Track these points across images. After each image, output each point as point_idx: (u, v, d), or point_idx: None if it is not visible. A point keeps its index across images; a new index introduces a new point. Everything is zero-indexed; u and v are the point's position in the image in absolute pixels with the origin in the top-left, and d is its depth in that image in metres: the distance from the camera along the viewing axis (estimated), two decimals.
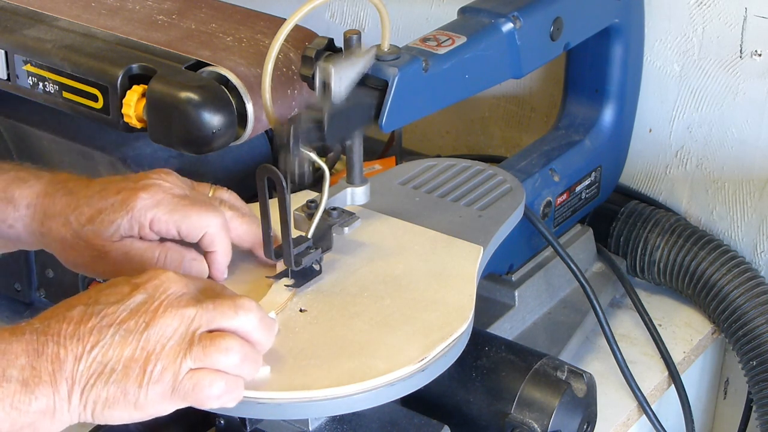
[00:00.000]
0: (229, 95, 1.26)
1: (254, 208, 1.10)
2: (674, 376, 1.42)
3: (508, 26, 1.26)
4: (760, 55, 1.45)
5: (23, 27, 1.37)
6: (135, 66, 1.28)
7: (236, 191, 1.17)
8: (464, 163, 1.34)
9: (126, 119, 1.27)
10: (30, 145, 1.43)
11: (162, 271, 0.95)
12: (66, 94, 1.31)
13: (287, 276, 1.09)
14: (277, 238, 1.08)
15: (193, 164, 1.42)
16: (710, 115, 1.52)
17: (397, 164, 1.53)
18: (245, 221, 1.11)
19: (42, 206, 1.10)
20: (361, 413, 1.06)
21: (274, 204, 1.04)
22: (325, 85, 1.06)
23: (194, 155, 1.27)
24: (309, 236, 1.10)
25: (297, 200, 1.13)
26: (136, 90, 1.26)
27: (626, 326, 1.49)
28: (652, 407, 1.37)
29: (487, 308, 1.37)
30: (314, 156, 1.06)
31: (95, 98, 1.29)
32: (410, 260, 1.14)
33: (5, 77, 1.35)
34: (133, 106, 1.25)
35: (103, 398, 0.90)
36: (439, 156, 1.55)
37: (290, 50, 1.34)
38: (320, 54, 1.13)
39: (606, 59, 1.47)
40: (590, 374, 1.14)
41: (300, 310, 1.06)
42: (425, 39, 1.21)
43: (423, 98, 1.18)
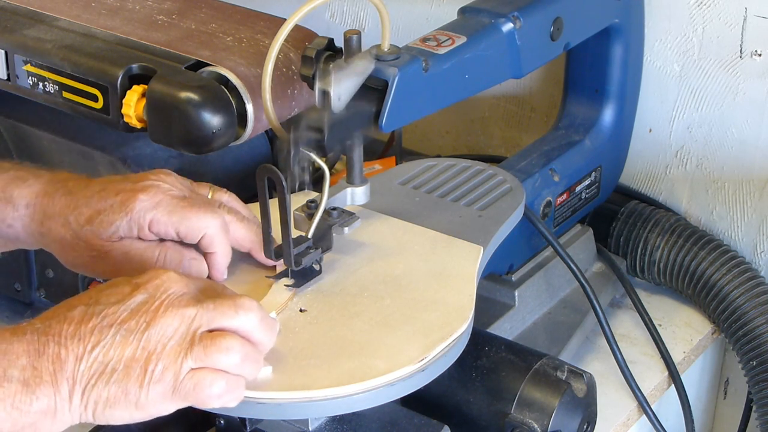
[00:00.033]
0: (229, 95, 1.26)
1: (254, 208, 1.10)
2: (674, 376, 1.42)
3: (508, 26, 1.26)
4: (760, 55, 1.45)
5: (23, 27, 1.36)
6: (135, 66, 1.28)
7: (236, 191, 1.16)
8: (464, 163, 1.34)
9: (126, 119, 1.27)
10: (30, 145, 1.43)
11: (163, 271, 0.95)
12: (66, 94, 1.31)
13: (287, 276, 1.09)
14: (277, 239, 1.08)
15: (193, 164, 1.42)
16: (710, 115, 1.52)
17: (397, 164, 1.53)
18: (244, 225, 1.11)
19: (41, 206, 1.10)
20: (361, 413, 1.06)
21: (274, 204, 1.04)
22: (325, 94, 1.06)
23: (194, 155, 1.27)
24: (309, 236, 1.10)
25: (297, 200, 1.13)
26: (136, 90, 1.26)
27: (626, 326, 1.49)
28: (652, 407, 1.37)
29: (487, 308, 1.37)
30: (314, 156, 1.06)
31: (95, 98, 1.29)
32: (410, 260, 1.14)
33: (5, 77, 1.35)
34: (133, 106, 1.25)
35: (104, 398, 0.90)
36: (439, 156, 1.55)
37: (290, 50, 1.34)
38: (320, 54, 1.12)
39: (606, 59, 1.47)
40: (590, 374, 1.13)
41: (300, 310, 1.06)
42: (425, 39, 1.21)
43: (423, 98, 1.18)
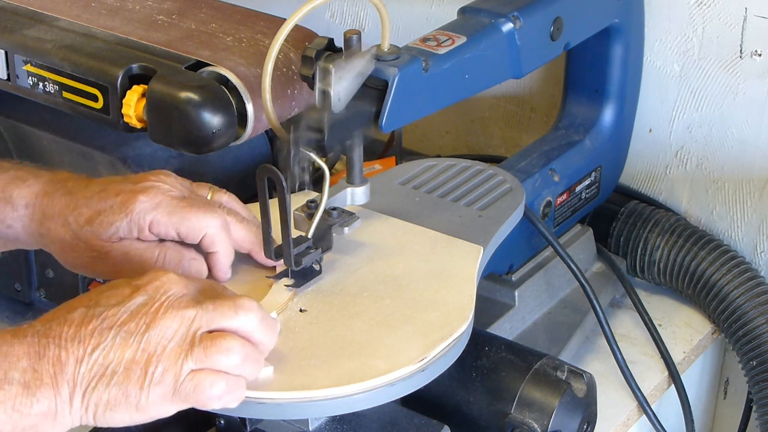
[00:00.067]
0: (229, 95, 1.26)
1: (254, 209, 1.10)
2: (674, 376, 1.42)
3: (508, 26, 1.26)
4: (760, 55, 1.45)
5: (23, 27, 1.36)
6: (135, 66, 1.28)
7: (236, 191, 1.16)
8: (464, 163, 1.34)
9: (126, 119, 1.27)
10: (30, 145, 1.43)
11: (163, 273, 0.95)
12: (66, 94, 1.31)
13: (287, 276, 1.09)
14: (277, 239, 1.08)
15: (193, 164, 1.42)
16: (710, 115, 1.52)
17: (397, 164, 1.53)
18: (243, 226, 1.11)
19: (41, 206, 1.10)
20: (361, 413, 1.06)
21: (274, 204, 1.04)
22: (325, 94, 1.05)
23: (194, 155, 1.27)
24: (309, 236, 1.10)
25: (297, 200, 1.13)
26: (136, 90, 1.26)
27: (626, 326, 1.49)
28: (652, 407, 1.37)
29: (487, 308, 1.37)
30: (314, 156, 1.06)
31: (95, 98, 1.29)
32: (410, 260, 1.14)
33: (5, 77, 1.35)
34: (133, 106, 1.25)
35: (105, 400, 0.90)
36: (439, 156, 1.55)
37: (290, 50, 1.34)
38: (320, 54, 1.12)
39: (606, 59, 1.47)
40: (590, 374, 1.13)
41: (300, 310, 1.06)
42: (425, 39, 1.21)
43: (423, 98, 1.18)
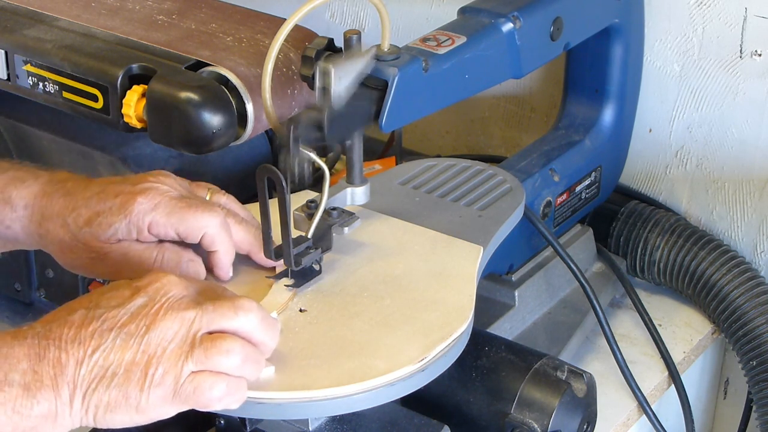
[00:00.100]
0: (229, 95, 1.26)
1: (254, 209, 1.10)
2: (674, 376, 1.42)
3: (508, 26, 1.26)
4: (760, 55, 1.45)
5: (23, 27, 1.36)
6: (135, 66, 1.28)
7: (236, 191, 1.16)
8: (464, 163, 1.34)
9: (126, 119, 1.27)
10: (30, 145, 1.43)
11: (163, 274, 0.95)
12: (66, 94, 1.31)
13: (287, 276, 1.09)
14: (277, 239, 1.08)
15: (193, 164, 1.42)
16: (710, 115, 1.52)
17: (397, 164, 1.53)
18: (242, 227, 1.11)
19: (40, 207, 1.10)
20: (361, 413, 1.06)
21: (274, 204, 1.04)
22: (325, 88, 1.05)
23: (194, 155, 1.27)
24: (309, 236, 1.10)
25: (297, 200, 1.13)
26: (136, 90, 1.26)
27: (626, 326, 1.49)
28: (652, 407, 1.37)
29: (487, 308, 1.37)
30: (314, 156, 1.06)
31: (95, 98, 1.29)
32: (410, 260, 1.14)
33: (5, 77, 1.35)
34: (133, 106, 1.25)
35: (105, 402, 0.90)
36: (439, 156, 1.55)
37: (290, 50, 1.34)
38: (320, 54, 1.12)
39: (606, 59, 1.47)
40: (590, 374, 1.13)
41: (300, 310, 1.06)
42: (425, 39, 1.21)
43: (423, 98, 1.18)
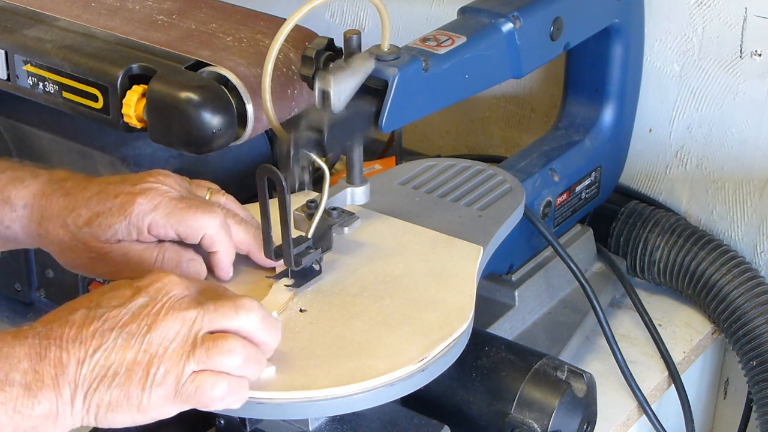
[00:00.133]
0: (229, 95, 1.26)
1: (254, 209, 1.10)
2: (674, 376, 1.42)
3: (508, 26, 1.26)
4: (760, 55, 1.45)
5: (23, 27, 1.36)
6: (135, 66, 1.28)
7: (236, 191, 1.16)
8: (464, 163, 1.34)
9: (126, 119, 1.27)
10: (30, 145, 1.43)
11: (164, 274, 0.95)
12: (66, 94, 1.31)
13: (287, 276, 1.09)
14: (277, 239, 1.08)
15: (193, 164, 1.42)
16: (710, 115, 1.52)
17: (397, 164, 1.53)
18: (242, 228, 1.11)
19: (39, 207, 1.10)
20: (361, 413, 1.06)
21: (274, 204, 1.04)
22: (324, 96, 1.05)
23: (194, 155, 1.27)
24: (309, 236, 1.10)
25: (297, 200, 1.13)
26: (136, 90, 1.26)
27: (626, 326, 1.49)
28: (652, 407, 1.37)
29: (487, 308, 1.37)
30: (314, 156, 1.06)
31: (95, 98, 1.29)
32: (410, 260, 1.14)
33: (5, 77, 1.35)
34: (133, 106, 1.25)
35: (106, 402, 0.90)
36: (439, 156, 1.55)
37: (290, 50, 1.34)
38: (320, 54, 1.12)
39: (606, 59, 1.47)
40: (590, 374, 1.13)
41: (300, 310, 1.06)
42: (425, 39, 1.21)
43: (423, 98, 1.18)
